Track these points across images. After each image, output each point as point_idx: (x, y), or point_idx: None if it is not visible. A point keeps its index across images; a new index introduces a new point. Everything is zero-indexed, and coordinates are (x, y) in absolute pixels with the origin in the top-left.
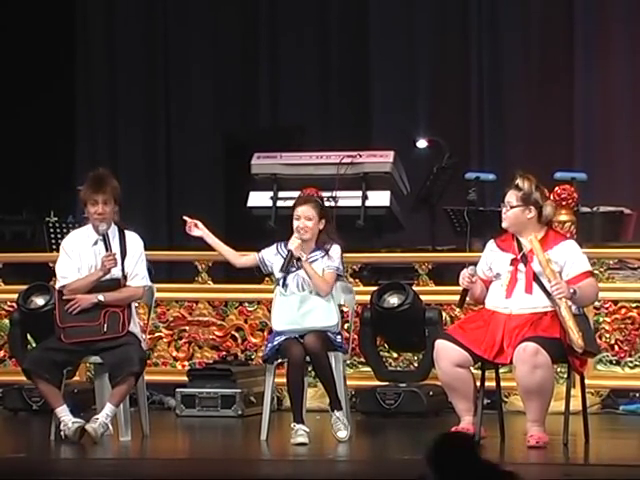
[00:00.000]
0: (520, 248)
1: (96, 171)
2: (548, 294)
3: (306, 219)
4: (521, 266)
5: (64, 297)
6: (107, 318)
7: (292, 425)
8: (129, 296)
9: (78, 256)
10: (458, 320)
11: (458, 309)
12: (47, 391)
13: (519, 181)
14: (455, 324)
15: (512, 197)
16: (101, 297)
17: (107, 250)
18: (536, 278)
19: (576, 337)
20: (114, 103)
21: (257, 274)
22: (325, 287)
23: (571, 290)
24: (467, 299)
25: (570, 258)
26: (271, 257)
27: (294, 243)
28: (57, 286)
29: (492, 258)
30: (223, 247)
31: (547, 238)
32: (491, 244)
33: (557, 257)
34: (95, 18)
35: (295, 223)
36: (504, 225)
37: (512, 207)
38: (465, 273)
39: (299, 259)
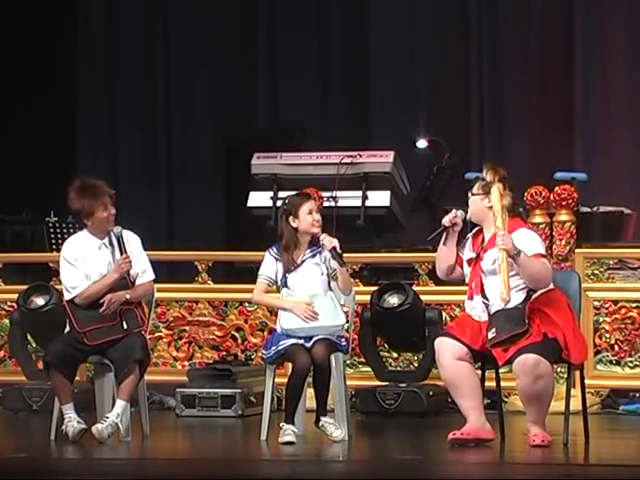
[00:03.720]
0: (481, 247)
1: (83, 181)
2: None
3: (316, 213)
4: (478, 266)
5: (77, 303)
6: (124, 316)
7: (281, 424)
8: (145, 292)
9: (84, 263)
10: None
11: (458, 309)
12: (61, 386)
13: (484, 171)
14: (452, 322)
15: (475, 186)
16: (128, 295)
17: (122, 252)
18: (484, 277)
19: (503, 291)
20: (115, 104)
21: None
22: (351, 286)
23: (516, 250)
24: (442, 242)
25: (523, 243)
26: (272, 269)
27: (332, 241)
28: (67, 297)
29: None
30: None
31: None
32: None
33: None
34: (96, 19)
35: (308, 218)
36: (467, 215)
37: (473, 195)
38: (451, 213)
39: (340, 255)
